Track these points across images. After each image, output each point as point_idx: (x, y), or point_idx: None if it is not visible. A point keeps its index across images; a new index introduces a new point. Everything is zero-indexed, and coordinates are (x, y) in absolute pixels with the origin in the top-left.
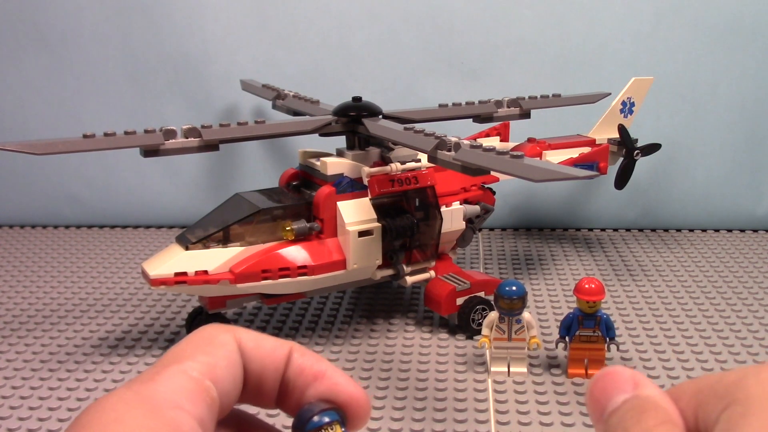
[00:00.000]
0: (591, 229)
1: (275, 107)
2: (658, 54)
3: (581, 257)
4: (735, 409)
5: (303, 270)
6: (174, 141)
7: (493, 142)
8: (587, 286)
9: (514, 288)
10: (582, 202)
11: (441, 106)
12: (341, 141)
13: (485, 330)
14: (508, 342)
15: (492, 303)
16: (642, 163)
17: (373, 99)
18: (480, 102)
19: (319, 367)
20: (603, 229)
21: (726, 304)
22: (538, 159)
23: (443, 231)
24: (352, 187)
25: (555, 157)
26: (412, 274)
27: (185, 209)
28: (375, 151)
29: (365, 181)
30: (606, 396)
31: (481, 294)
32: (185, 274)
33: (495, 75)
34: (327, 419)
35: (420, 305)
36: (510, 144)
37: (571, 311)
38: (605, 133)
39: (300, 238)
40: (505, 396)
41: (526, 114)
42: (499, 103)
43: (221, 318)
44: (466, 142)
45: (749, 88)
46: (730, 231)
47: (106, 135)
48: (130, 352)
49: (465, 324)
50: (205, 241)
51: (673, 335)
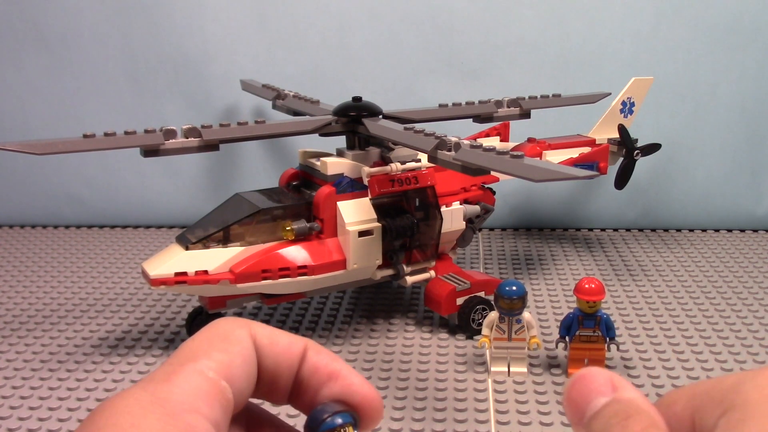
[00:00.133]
0: (591, 229)
1: (275, 107)
2: (658, 54)
3: (581, 257)
4: (733, 415)
5: (303, 270)
6: (174, 141)
7: (493, 142)
8: (587, 286)
9: (514, 288)
10: (582, 202)
11: (441, 106)
12: (341, 141)
13: (485, 330)
14: (508, 342)
15: (492, 303)
16: (642, 163)
17: (373, 99)
18: (480, 102)
19: (334, 367)
20: (603, 229)
21: (726, 304)
22: (538, 159)
23: (443, 231)
24: (352, 187)
25: (555, 157)
26: (412, 274)
27: (185, 209)
28: (375, 151)
29: (365, 181)
30: (584, 399)
31: (481, 294)
32: (185, 274)
33: (495, 75)
34: (340, 420)
35: (420, 305)
36: (510, 144)
37: (571, 311)
38: (605, 133)
39: (300, 238)
40: (505, 396)
41: (526, 114)
42: (499, 103)
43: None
44: (466, 142)
45: (749, 88)
46: (730, 231)
47: (106, 135)
48: (130, 352)
49: (465, 324)
50: (205, 241)
51: (673, 335)
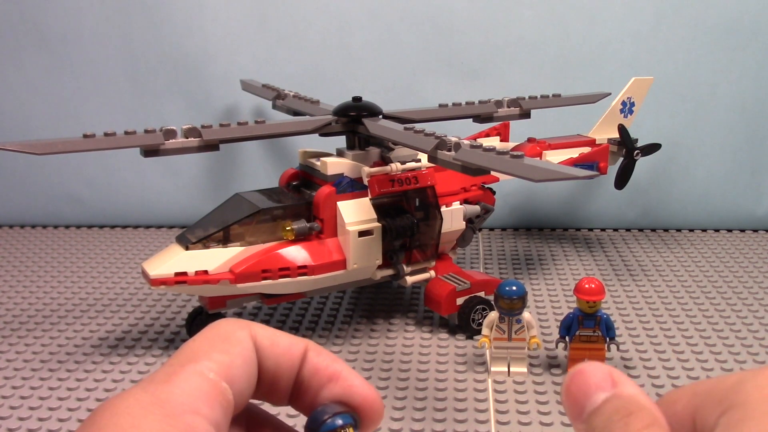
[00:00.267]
0: (591, 229)
1: (275, 107)
2: (658, 54)
3: (581, 257)
4: (733, 414)
5: (303, 270)
6: (174, 141)
7: (493, 142)
8: (587, 286)
9: (514, 288)
10: (582, 202)
11: (441, 106)
12: (341, 141)
13: (485, 330)
14: (508, 342)
15: (492, 303)
16: (642, 163)
17: (373, 99)
18: (480, 102)
19: (335, 368)
20: (603, 229)
21: (726, 304)
22: (538, 159)
23: (443, 231)
24: (352, 187)
25: (555, 157)
26: (412, 274)
27: (185, 209)
28: (375, 151)
29: (365, 181)
30: (584, 394)
31: (481, 294)
32: (185, 274)
33: (495, 75)
34: (340, 422)
35: (420, 305)
36: (510, 144)
37: (571, 311)
38: (605, 133)
39: (300, 238)
40: (505, 396)
41: (526, 114)
42: (499, 103)
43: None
44: (466, 142)
45: (749, 88)
46: (730, 231)
47: (106, 135)
48: (130, 352)
49: (465, 324)
50: (205, 241)
51: (673, 335)
